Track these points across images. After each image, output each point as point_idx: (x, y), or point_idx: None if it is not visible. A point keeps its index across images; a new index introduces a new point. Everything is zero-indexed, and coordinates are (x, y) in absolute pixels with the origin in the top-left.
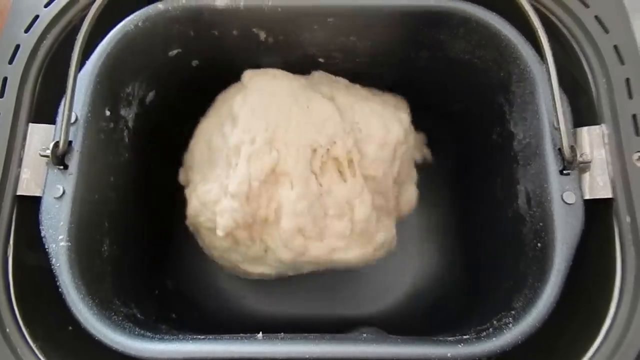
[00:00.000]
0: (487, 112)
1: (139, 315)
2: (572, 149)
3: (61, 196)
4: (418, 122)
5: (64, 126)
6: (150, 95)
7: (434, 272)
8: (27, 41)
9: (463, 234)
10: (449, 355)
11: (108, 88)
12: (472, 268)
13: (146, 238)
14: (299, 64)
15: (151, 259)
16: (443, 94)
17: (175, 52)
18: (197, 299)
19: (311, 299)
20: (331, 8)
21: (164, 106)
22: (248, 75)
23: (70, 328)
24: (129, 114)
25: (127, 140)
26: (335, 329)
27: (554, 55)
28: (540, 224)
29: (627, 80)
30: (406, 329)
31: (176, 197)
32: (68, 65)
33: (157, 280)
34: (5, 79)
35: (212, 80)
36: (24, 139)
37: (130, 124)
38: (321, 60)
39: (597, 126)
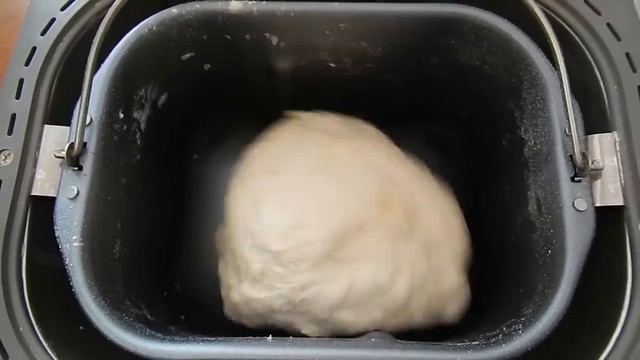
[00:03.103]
0: (497, 118)
1: (149, 317)
2: (584, 155)
3: (75, 197)
4: (427, 127)
5: (79, 128)
6: (163, 98)
7: None
8: (44, 44)
9: (472, 239)
10: None
11: (122, 91)
12: (481, 273)
13: (156, 240)
14: (310, 69)
15: (160, 261)
16: (453, 100)
17: (188, 56)
18: (205, 302)
19: None
20: (343, 14)
21: (175, 109)
22: None
23: (81, 328)
24: (141, 116)
25: (139, 142)
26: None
27: (566, 62)
28: (551, 230)
29: (639, 87)
30: (415, 334)
31: (185, 200)
32: (83, 68)
33: (166, 282)
34: (21, 81)
35: (223, 84)
36: (39, 140)
37: (142, 126)
38: (332, 65)
39: (608, 133)
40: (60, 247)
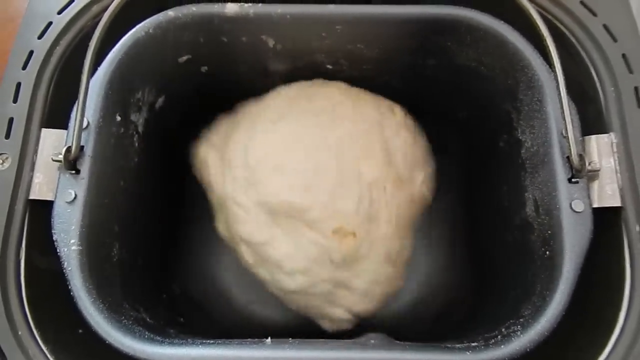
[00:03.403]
0: (494, 119)
1: (148, 319)
2: (581, 157)
3: (73, 200)
4: (425, 128)
5: (76, 131)
6: (160, 100)
7: (441, 278)
8: (41, 47)
9: (471, 241)
10: None
11: (119, 94)
12: (479, 275)
13: (154, 242)
14: (307, 71)
15: (159, 264)
16: (450, 101)
17: (185, 58)
18: (204, 304)
19: None
20: (339, 16)
21: (173, 111)
22: None
23: (80, 331)
24: (138, 119)
25: (136, 145)
26: (343, 335)
27: (562, 63)
28: (549, 232)
29: (636, 88)
30: (414, 336)
31: (184, 202)
32: (80, 71)
33: (165, 285)
34: (19, 85)
35: (220, 86)
36: (37, 143)
37: (140, 129)
38: (329, 66)
39: (605, 135)
40: (58, 250)
